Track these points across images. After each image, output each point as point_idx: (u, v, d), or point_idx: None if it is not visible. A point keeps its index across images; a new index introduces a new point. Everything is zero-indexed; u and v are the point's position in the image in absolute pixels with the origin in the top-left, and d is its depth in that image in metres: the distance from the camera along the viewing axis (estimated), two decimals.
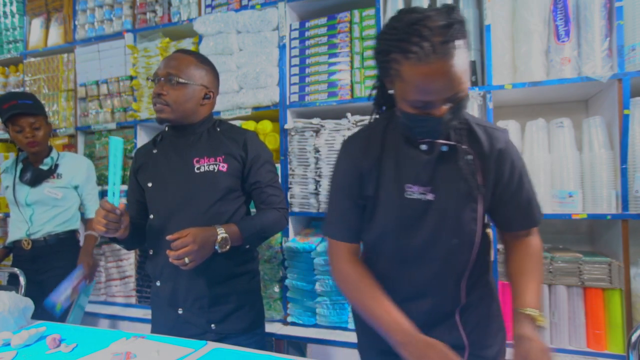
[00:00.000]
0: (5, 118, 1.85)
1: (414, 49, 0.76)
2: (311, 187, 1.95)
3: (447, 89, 0.79)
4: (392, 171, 0.96)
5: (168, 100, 1.29)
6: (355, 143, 1.02)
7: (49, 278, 1.94)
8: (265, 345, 1.44)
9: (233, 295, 1.33)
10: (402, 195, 0.95)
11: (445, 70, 0.77)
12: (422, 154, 0.94)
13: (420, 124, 0.86)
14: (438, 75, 0.77)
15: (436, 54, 0.75)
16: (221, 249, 1.21)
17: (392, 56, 0.81)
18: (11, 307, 1.20)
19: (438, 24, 0.77)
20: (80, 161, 2.10)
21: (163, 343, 1.07)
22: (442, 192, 0.94)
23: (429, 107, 0.83)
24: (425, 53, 0.76)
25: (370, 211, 1.00)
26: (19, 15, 2.86)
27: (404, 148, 0.96)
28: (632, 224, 1.56)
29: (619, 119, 1.54)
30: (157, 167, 1.36)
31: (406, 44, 0.77)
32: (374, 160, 0.98)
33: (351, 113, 1.89)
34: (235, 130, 1.41)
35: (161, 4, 2.38)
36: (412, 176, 0.95)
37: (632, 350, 1.04)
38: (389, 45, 0.82)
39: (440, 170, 0.94)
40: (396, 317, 0.89)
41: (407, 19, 0.79)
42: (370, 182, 0.98)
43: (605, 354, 1.55)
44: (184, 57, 1.34)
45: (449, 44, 0.76)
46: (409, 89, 0.81)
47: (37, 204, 1.96)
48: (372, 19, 1.90)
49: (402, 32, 0.79)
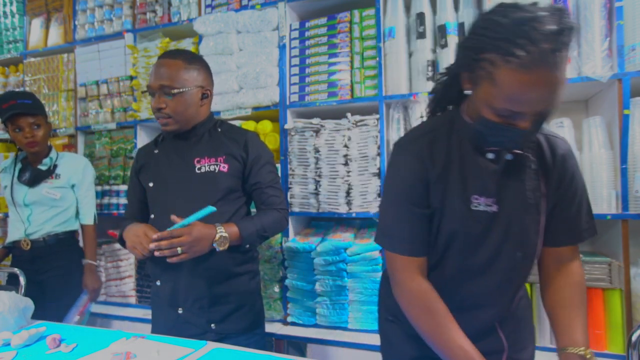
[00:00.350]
0: (5, 118, 1.84)
1: (519, 53, 0.68)
2: (311, 187, 1.95)
3: (543, 101, 0.72)
4: (458, 181, 0.89)
5: (169, 112, 1.29)
6: (420, 146, 0.91)
7: (48, 278, 1.95)
8: (265, 345, 1.44)
9: (233, 295, 1.33)
10: (468, 207, 0.88)
11: (548, 81, 0.69)
12: (489, 163, 0.88)
13: (498, 134, 0.79)
14: (539, 85, 0.69)
15: (542, 63, 0.67)
16: (220, 247, 1.21)
17: (487, 55, 0.73)
18: (11, 307, 1.20)
19: (550, 28, 0.67)
20: (78, 161, 2.09)
21: (163, 343, 1.07)
22: (506, 203, 0.88)
23: (515, 117, 0.75)
24: (531, 60, 0.67)
25: (436, 224, 0.91)
26: (19, 15, 2.86)
27: (470, 156, 0.89)
28: (632, 224, 1.56)
29: (618, 119, 1.53)
30: (159, 167, 1.37)
31: (510, 45, 0.69)
32: (440, 168, 0.89)
33: (351, 113, 1.89)
34: (236, 130, 1.42)
35: (161, 4, 2.38)
36: (478, 187, 0.88)
37: (632, 350, 1.04)
38: (486, 43, 0.73)
39: (505, 181, 0.88)
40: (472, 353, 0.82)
41: (515, 16, 0.70)
42: (437, 192, 0.89)
43: (605, 354, 1.55)
44: (172, 62, 1.29)
45: (558, 53, 0.68)
46: (499, 95, 0.73)
47: (35, 204, 1.95)
48: (372, 19, 1.90)
49: (507, 31, 0.69)
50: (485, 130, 0.80)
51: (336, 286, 1.81)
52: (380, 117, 1.83)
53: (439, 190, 0.89)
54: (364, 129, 1.87)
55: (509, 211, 0.89)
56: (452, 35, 1.79)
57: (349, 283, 1.81)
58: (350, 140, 1.87)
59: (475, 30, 0.76)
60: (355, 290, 1.81)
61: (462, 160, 0.89)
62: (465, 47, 0.79)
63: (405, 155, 0.92)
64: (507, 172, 0.88)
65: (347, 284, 1.81)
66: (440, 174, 0.89)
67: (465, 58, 0.79)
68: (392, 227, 0.94)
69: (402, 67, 1.85)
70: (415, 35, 1.84)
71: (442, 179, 0.89)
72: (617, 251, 1.58)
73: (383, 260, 1.78)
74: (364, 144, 1.86)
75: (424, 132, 0.94)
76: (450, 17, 1.79)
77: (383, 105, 1.84)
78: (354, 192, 1.86)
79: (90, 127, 2.53)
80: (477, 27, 0.76)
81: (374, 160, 1.83)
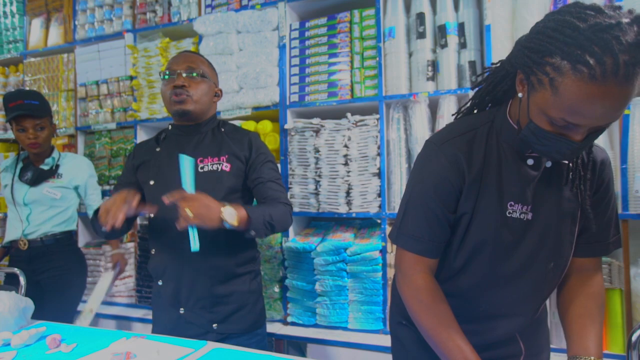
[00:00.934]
0: (10, 117, 1.83)
1: (593, 62, 0.61)
2: (311, 187, 1.95)
3: (607, 116, 0.66)
4: (494, 186, 0.84)
5: (190, 91, 1.31)
6: (458, 147, 0.85)
7: (46, 278, 1.95)
8: (266, 345, 1.44)
9: (235, 295, 1.33)
10: (503, 214, 0.84)
11: (618, 96, 0.62)
12: (528, 169, 0.84)
13: (547, 143, 0.73)
14: (607, 100, 0.63)
15: (616, 77, 0.61)
16: (229, 220, 1.13)
17: (553, 60, 0.66)
18: (11, 307, 1.20)
19: (632, 38, 0.61)
20: (81, 161, 2.09)
21: (163, 343, 1.07)
22: (542, 211, 0.85)
23: (570, 129, 0.70)
24: (604, 72, 0.61)
25: (464, 228, 0.87)
26: (19, 15, 2.86)
27: (509, 160, 0.85)
28: (632, 224, 1.56)
29: (619, 119, 1.53)
30: (160, 166, 1.36)
31: (585, 53, 0.62)
32: (477, 172, 0.84)
33: (351, 113, 1.89)
34: (238, 131, 1.42)
35: (161, 4, 2.38)
36: (515, 193, 0.84)
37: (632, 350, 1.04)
38: (556, 47, 0.65)
39: (541, 188, 0.85)
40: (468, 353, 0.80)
41: (595, 21, 0.62)
42: (470, 197, 0.85)
43: (605, 354, 1.55)
44: (197, 55, 1.39)
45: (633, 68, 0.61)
46: (559, 104, 0.67)
47: (34, 204, 1.95)
48: (372, 19, 1.90)
49: (583, 37, 0.62)
50: (532, 138, 0.75)
51: (336, 286, 1.81)
52: (380, 117, 1.83)
53: (473, 195, 0.85)
54: (364, 129, 1.87)
55: (544, 220, 0.86)
56: (452, 35, 1.79)
57: (349, 283, 1.81)
58: (350, 140, 1.87)
59: (543, 31, 0.69)
60: (355, 290, 1.81)
61: (499, 165, 0.85)
62: (528, 47, 0.72)
63: (440, 154, 0.86)
64: (545, 180, 0.85)
65: (347, 284, 1.81)
66: (476, 177, 0.84)
67: (525, 58, 0.72)
68: (410, 224, 0.90)
69: (402, 67, 1.85)
70: (415, 35, 1.84)
71: (477, 183, 0.85)
72: (617, 251, 1.58)
73: (383, 261, 1.78)
74: (364, 144, 1.86)
75: (462, 131, 0.88)
76: (450, 17, 1.79)
77: (383, 105, 1.84)
78: (354, 192, 1.86)
79: (90, 127, 2.53)
80: (546, 27, 0.69)
81: (374, 160, 1.83)
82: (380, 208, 1.83)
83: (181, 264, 1.28)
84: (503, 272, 0.87)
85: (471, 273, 0.90)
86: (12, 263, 1.97)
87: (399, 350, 1.09)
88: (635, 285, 1.53)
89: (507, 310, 0.91)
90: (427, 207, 0.87)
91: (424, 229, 0.88)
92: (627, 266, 1.53)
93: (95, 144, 2.57)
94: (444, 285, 0.91)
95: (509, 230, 0.85)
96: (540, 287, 0.90)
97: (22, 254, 1.96)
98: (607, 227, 0.91)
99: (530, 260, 0.86)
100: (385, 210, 1.82)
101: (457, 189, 0.85)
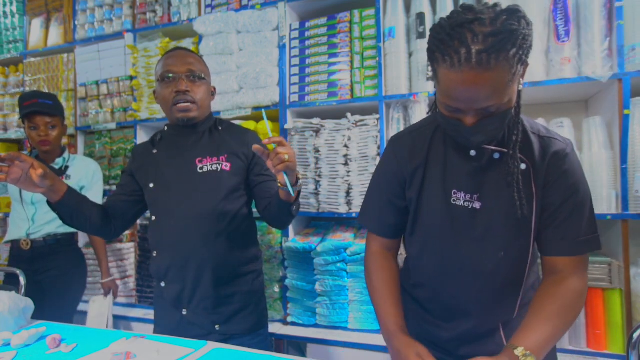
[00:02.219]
0: (23, 114, 1.89)
1: (451, 53, 0.72)
2: (311, 187, 1.95)
3: (475, 100, 0.75)
4: (438, 175, 0.94)
5: (194, 97, 1.30)
6: (402, 144, 1.00)
7: (47, 278, 1.95)
8: (268, 346, 1.43)
9: (238, 295, 1.32)
10: (448, 201, 0.92)
11: (475, 82, 0.72)
12: (471, 159, 0.90)
13: (449, 127, 0.84)
14: (467, 85, 0.73)
15: (468, 64, 0.70)
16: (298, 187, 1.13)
17: (435, 55, 0.77)
18: (11, 307, 1.20)
19: (484, 30, 0.71)
20: (89, 163, 2.12)
21: (163, 343, 1.07)
22: (489, 201, 0.89)
23: (458, 113, 0.80)
24: (459, 61, 0.71)
25: (414, 214, 0.98)
26: (19, 15, 2.86)
27: (452, 152, 0.93)
28: (632, 224, 1.56)
29: (619, 119, 1.53)
30: (159, 168, 1.35)
31: (445, 46, 0.74)
32: (419, 163, 0.96)
33: (351, 113, 1.89)
34: (237, 129, 1.42)
35: (161, 4, 2.38)
36: (458, 182, 0.91)
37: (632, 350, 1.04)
38: (432, 44, 0.78)
39: (489, 178, 0.90)
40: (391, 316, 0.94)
41: (457, 18, 0.74)
42: (414, 185, 0.96)
43: (605, 354, 1.55)
44: (194, 54, 1.36)
45: (487, 55, 0.70)
46: (441, 91, 0.79)
47: (40, 203, 1.96)
48: (372, 19, 1.90)
49: (445, 33, 0.74)
50: (443, 124, 0.86)
51: (336, 286, 1.81)
52: (380, 117, 1.83)
53: (418, 183, 0.96)
54: (364, 129, 1.87)
55: (491, 209, 0.89)
56: None
57: (349, 283, 1.81)
58: (350, 140, 1.87)
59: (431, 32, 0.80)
60: (355, 290, 1.81)
61: (444, 156, 0.94)
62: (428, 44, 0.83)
63: (388, 147, 1.04)
64: (492, 170, 0.90)
65: (347, 284, 1.81)
66: (418, 168, 0.96)
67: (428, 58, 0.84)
68: (366, 207, 1.08)
69: (402, 67, 1.85)
70: (415, 35, 1.84)
71: (420, 173, 0.96)
72: (617, 251, 1.58)
73: None
74: (364, 144, 1.86)
75: (410, 129, 1.03)
76: None
77: (383, 105, 1.84)
78: (354, 192, 1.86)
79: (90, 127, 2.53)
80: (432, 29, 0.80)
81: (374, 160, 1.83)
82: None
83: (184, 265, 1.28)
84: (454, 261, 0.93)
85: (428, 260, 0.98)
86: (14, 262, 1.97)
87: None
88: (635, 285, 1.53)
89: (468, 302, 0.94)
90: (378, 191, 1.04)
91: (375, 210, 1.05)
92: (627, 266, 1.53)
93: (95, 144, 2.57)
94: (413, 275, 1.04)
95: (455, 217, 0.92)
96: (495, 278, 0.91)
97: (24, 253, 1.96)
98: (574, 225, 0.88)
99: (479, 249, 0.91)
100: None
101: (401, 178, 0.99)
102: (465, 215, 0.91)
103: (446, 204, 0.92)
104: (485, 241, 0.90)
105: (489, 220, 0.89)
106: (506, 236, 0.89)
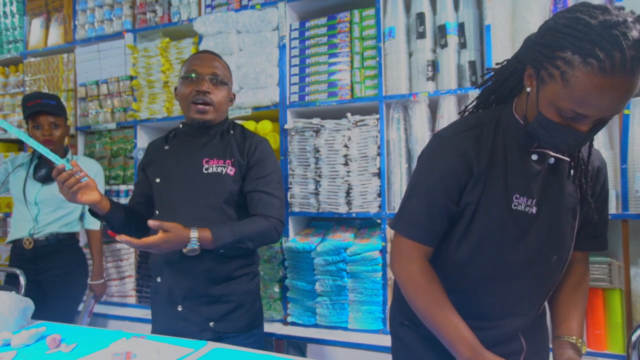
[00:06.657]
0: (27, 114, 1.91)
1: (602, 56, 0.66)
2: (311, 187, 1.95)
3: (613, 108, 0.71)
4: (500, 179, 0.89)
5: (213, 99, 1.32)
6: (466, 141, 0.90)
7: (48, 278, 1.96)
8: (263, 345, 1.44)
9: (232, 294, 1.33)
10: (509, 206, 0.88)
11: (624, 88, 0.68)
12: (532, 164, 0.89)
13: (555, 134, 0.78)
14: (614, 92, 0.68)
15: (624, 70, 0.66)
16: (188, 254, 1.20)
17: (564, 54, 0.70)
18: (11, 307, 1.20)
19: (636, 35, 0.66)
20: (92, 164, 2.14)
21: (163, 343, 1.07)
22: (546, 206, 0.90)
23: (577, 120, 0.74)
24: (611, 65, 0.66)
25: (468, 219, 0.91)
26: (19, 15, 2.86)
27: (515, 155, 0.89)
28: (632, 224, 1.56)
29: (619, 119, 1.53)
30: (166, 164, 1.37)
31: (595, 48, 0.67)
32: (484, 165, 0.89)
33: (351, 113, 1.89)
34: (246, 136, 1.41)
35: (161, 4, 2.38)
36: (521, 187, 0.89)
37: (632, 350, 1.04)
38: (568, 42, 0.70)
39: (545, 183, 0.90)
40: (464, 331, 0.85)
41: (604, 19, 0.68)
42: (477, 188, 0.89)
43: (605, 354, 1.55)
44: (219, 58, 1.40)
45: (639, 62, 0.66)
46: (569, 96, 0.71)
47: (43, 203, 1.97)
48: (372, 19, 1.90)
49: (594, 33, 0.67)
50: (540, 129, 0.80)
51: (336, 286, 1.81)
52: (380, 117, 1.83)
53: (479, 187, 0.89)
54: (364, 129, 1.87)
55: (548, 214, 0.90)
56: (452, 35, 1.79)
57: (349, 283, 1.81)
58: (350, 140, 1.87)
59: (555, 27, 0.73)
60: (355, 290, 1.81)
61: (505, 159, 0.89)
62: (539, 42, 0.76)
63: (448, 147, 0.91)
64: (549, 176, 0.91)
65: (347, 284, 1.81)
66: (483, 170, 0.89)
67: (537, 53, 0.77)
68: (410, 212, 0.94)
69: (402, 67, 1.85)
70: (415, 35, 1.84)
71: (484, 176, 0.89)
72: (617, 251, 1.58)
73: (383, 261, 1.78)
74: (364, 144, 1.86)
75: (470, 126, 0.93)
76: (450, 17, 1.79)
77: (383, 105, 1.84)
78: (354, 192, 1.86)
79: (90, 127, 2.53)
80: (558, 24, 0.73)
81: (374, 160, 1.83)
82: (380, 208, 1.83)
83: (179, 263, 1.29)
84: (509, 265, 0.91)
85: (478, 265, 0.92)
86: (15, 262, 1.98)
87: (401, 350, 1.09)
88: (635, 285, 1.53)
89: (512, 306, 0.94)
90: (431, 196, 0.91)
91: (423, 216, 0.92)
92: (627, 266, 1.53)
93: (95, 144, 2.57)
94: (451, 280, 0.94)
95: (514, 223, 0.89)
96: (544, 281, 0.95)
97: (26, 253, 1.96)
98: (604, 225, 1.00)
99: (535, 253, 0.90)
100: (385, 210, 1.82)
101: (463, 181, 0.89)
102: (524, 221, 0.89)
103: (507, 208, 0.88)
104: (542, 246, 0.91)
105: (546, 226, 0.90)
106: (561, 240, 0.92)
